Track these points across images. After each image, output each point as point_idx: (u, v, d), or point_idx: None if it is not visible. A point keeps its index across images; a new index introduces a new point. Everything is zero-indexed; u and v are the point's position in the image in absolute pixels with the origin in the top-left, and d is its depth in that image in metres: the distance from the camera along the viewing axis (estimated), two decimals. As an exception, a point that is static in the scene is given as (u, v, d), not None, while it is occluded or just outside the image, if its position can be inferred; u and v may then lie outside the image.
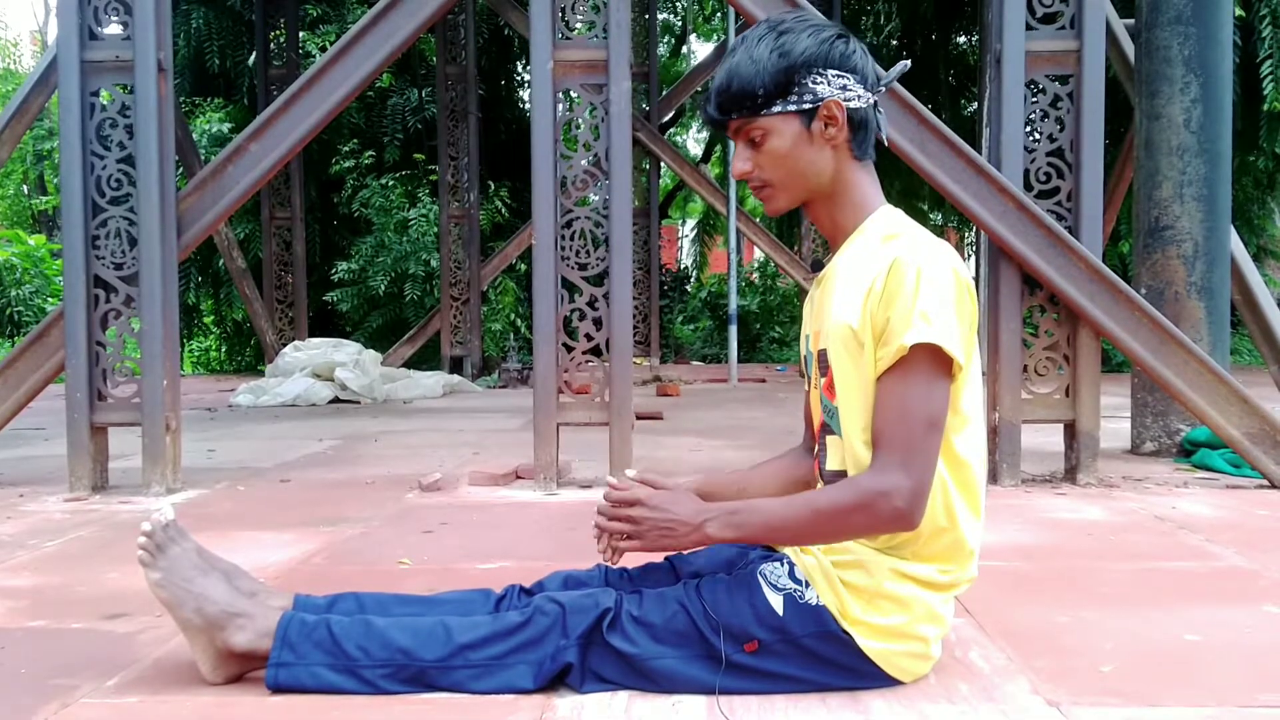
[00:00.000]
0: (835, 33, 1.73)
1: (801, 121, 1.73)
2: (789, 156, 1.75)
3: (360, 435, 6.01)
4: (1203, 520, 3.35)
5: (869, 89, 1.74)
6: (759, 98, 1.72)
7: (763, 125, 1.74)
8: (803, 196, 1.81)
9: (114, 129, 3.90)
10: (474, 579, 2.64)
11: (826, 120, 1.73)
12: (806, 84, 1.71)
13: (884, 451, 1.64)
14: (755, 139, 1.76)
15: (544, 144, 3.90)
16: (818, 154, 1.75)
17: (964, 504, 1.74)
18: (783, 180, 1.78)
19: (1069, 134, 3.94)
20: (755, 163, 1.78)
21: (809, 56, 1.69)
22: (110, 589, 2.57)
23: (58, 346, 3.94)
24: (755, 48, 1.72)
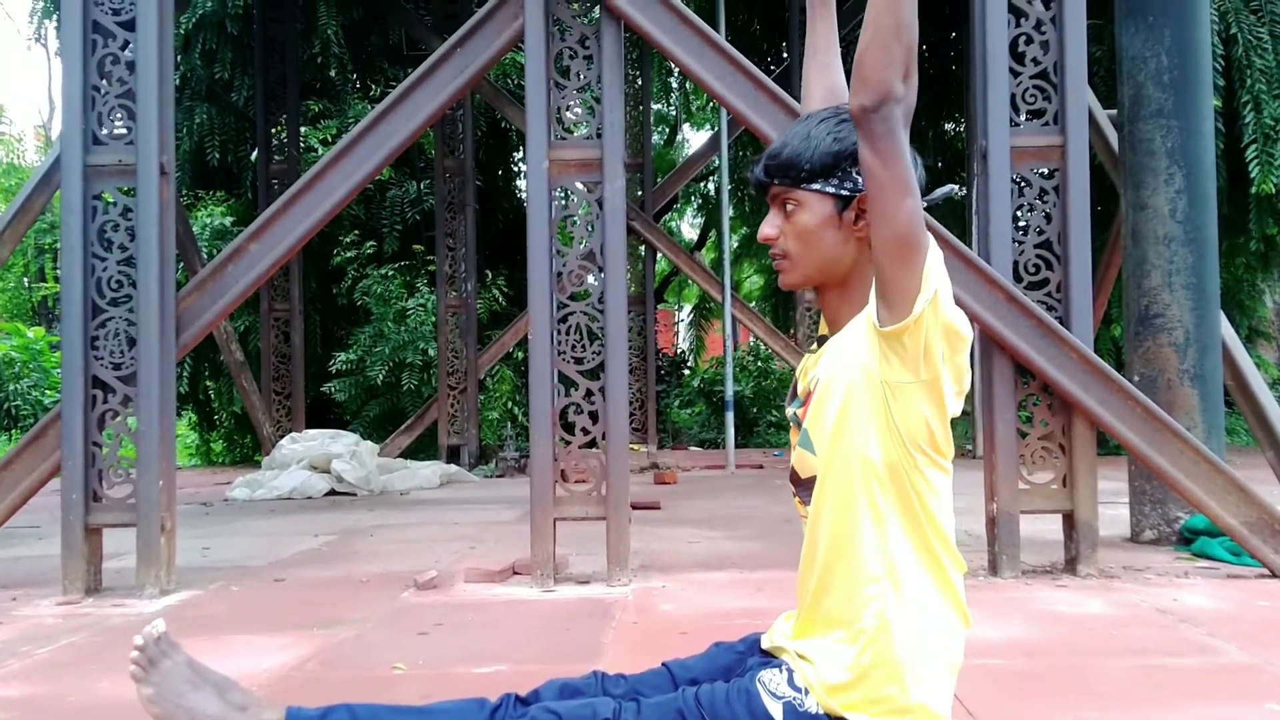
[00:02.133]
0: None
1: (836, 206, 1.76)
2: (814, 235, 1.78)
3: (356, 530, 5.97)
4: (1204, 613, 3.33)
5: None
6: (803, 171, 1.75)
7: (798, 197, 1.78)
8: (816, 277, 1.84)
9: (115, 231, 3.96)
10: (469, 684, 2.61)
11: (859, 212, 1.78)
12: (851, 173, 1.75)
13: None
14: (789, 209, 1.80)
15: (540, 240, 3.96)
16: (842, 241, 1.79)
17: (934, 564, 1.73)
18: (801, 255, 1.81)
19: (1056, 226, 4.00)
20: (781, 230, 1.82)
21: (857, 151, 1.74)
22: (102, 699, 2.54)
23: (54, 447, 3.94)
24: (816, 126, 1.77)
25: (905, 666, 1.70)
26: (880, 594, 1.72)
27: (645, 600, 3.66)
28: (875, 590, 1.71)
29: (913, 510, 1.74)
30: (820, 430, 1.79)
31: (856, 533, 1.74)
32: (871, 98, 1.54)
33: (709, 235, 19.70)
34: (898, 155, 1.54)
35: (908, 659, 1.70)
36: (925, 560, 1.75)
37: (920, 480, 1.74)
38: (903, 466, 1.72)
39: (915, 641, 1.71)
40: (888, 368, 1.68)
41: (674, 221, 22.23)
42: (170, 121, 4.02)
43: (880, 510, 1.72)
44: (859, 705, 1.70)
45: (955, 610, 1.78)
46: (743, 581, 3.99)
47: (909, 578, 1.73)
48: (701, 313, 20.33)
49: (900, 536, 1.73)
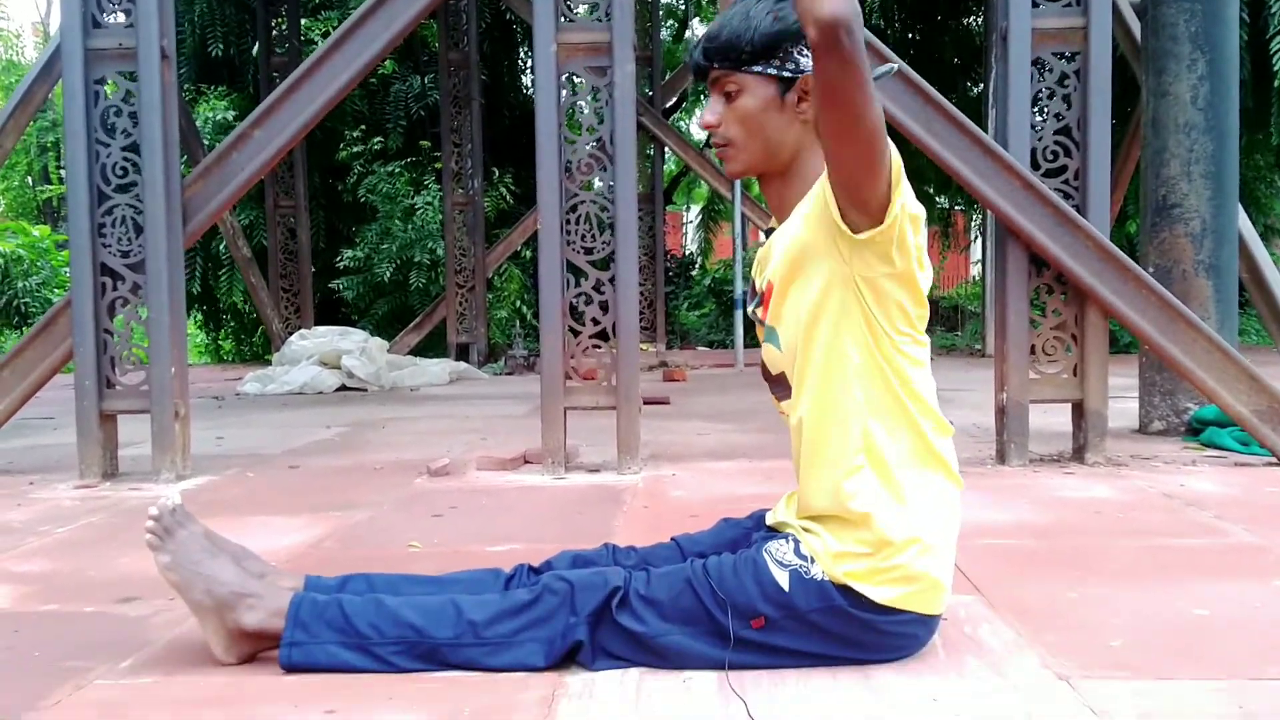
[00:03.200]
0: None
1: (778, 88, 1.75)
2: (756, 119, 1.76)
3: (368, 422, 6.02)
4: (1211, 497, 3.35)
5: None
6: (744, 53, 1.73)
7: (739, 81, 1.76)
8: (761, 164, 1.82)
9: (118, 117, 3.90)
10: (484, 561, 2.63)
11: (801, 94, 1.74)
12: (792, 53, 1.72)
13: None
14: (730, 93, 1.78)
15: (548, 128, 3.90)
16: (785, 124, 1.77)
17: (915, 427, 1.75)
18: (744, 141, 1.79)
19: (1076, 112, 3.92)
20: (723, 118, 1.80)
21: (800, 30, 1.68)
22: (122, 573, 2.58)
23: (65, 335, 3.95)
24: (755, 6, 1.73)
25: (905, 540, 1.72)
26: (866, 481, 1.73)
27: (656, 487, 3.69)
28: (861, 478, 1.73)
29: (893, 392, 1.74)
30: (788, 327, 1.79)
31: (837, 425, 1.75)
32: (842, 6, 1.43)
33: (718, 134, 19.39)
34: (862, 63, 1.48)
35: (905, 533, 1.72)
36: (910, 436, 1.76)
37: (900, 360, 1.73)
38: (881, 353, 1.72)
39: (911, 516, 1.73)
40: (861, 264, 1.67)
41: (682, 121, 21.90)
42: (170, 4, 3.92)
43: (858, 400, 1.73)
44: (863, 575, 1.73)
45: (945, 476, 1.79)
46: (752, 470, 4.02)
47: (895, 457, 1.74)
48: (710, 214, 20.16)
49: (882, 420, 1.74)
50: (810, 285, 1.73)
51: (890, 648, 1.81)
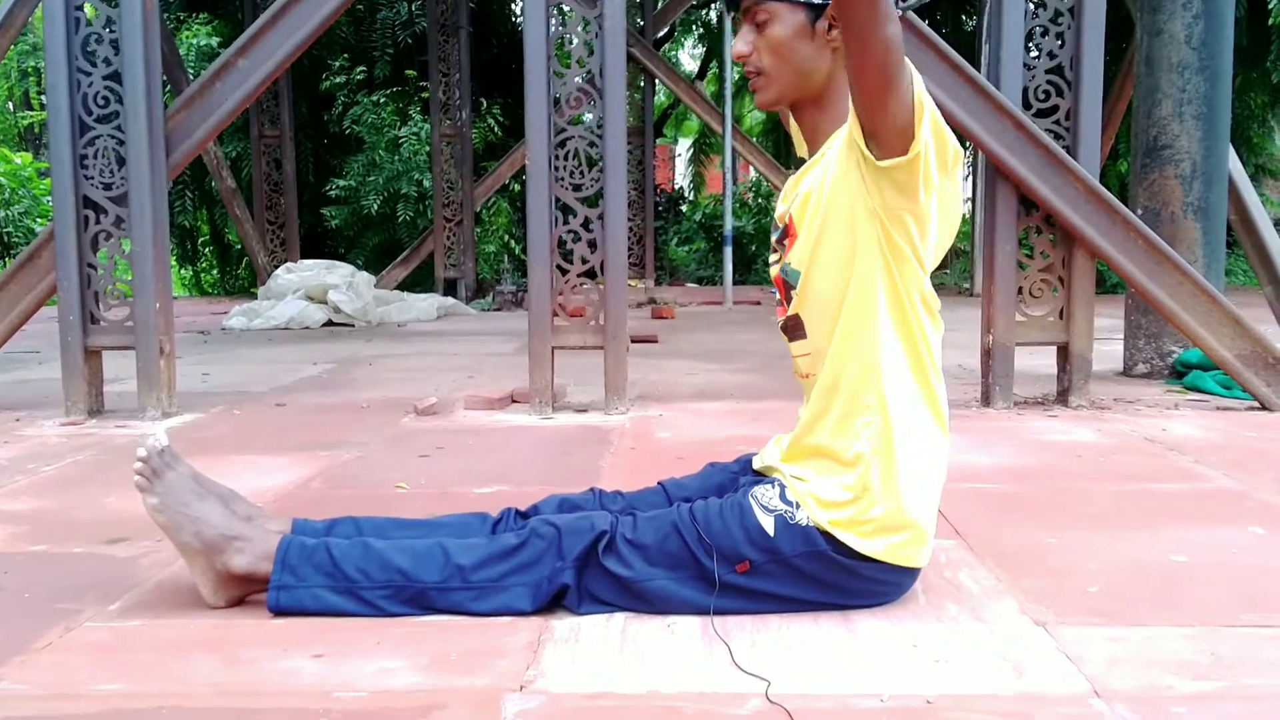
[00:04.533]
0: None
1: (808, 16, 1.74)
2: (788, 47, 1.76)
3: (355, 359, 6.01)
4: (1192, 442, 3.38)
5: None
6: None
7: (770, 9, 1.75)
8: (792, 93, 1.81)
9: (99, 45, 3.82)
10: (471, 502, 2.67)
11: (832, 20, 1.73)
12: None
13: None
14: (760, 21, 1.77)
15: (537, 61, 3.84)
16: (816, 53, 1.76)
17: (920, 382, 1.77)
18: (776, 69, 1.79)
19: (1069, 51, 3.88)
20: (755, 46, 1.79)
21: None
22: (110, 513, 2.59)
23: (49, 269, 3.92)
24: None
25: (895, 489, 1.74)
26: (872, 422, 1.74)
27: (643, 427, 3.71)
28: (868, 418, 1.74)
29: (912, 338, 1.75)
30: (809, 265, 1.78)
31: (857, 362, 1.76)
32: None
33: (709, 66, 19.16)
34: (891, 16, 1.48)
35: (897, 482, 1.74)
36: (918, 384, 1.77)
37: (920, 307, 1.74)
38: (904, 294, 1.72)
39: (904, 465, 1.74)
40: (880, 197, 1.66)
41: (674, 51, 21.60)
42: (150, -72, 3.83)
43: (881, 340, 1.73)
44: (847, 524, 1.75)
45: (940, 429, 1.81)
46: (740, 411, 4.04)
47: (901, 406, 1.75)
48: (701, 148, 20.00)
49: (898, 365, 1.75)
50: (834, 223, 1.72)
51: (873, 593, 1.83)
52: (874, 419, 1.74)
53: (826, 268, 1.75)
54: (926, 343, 1.77)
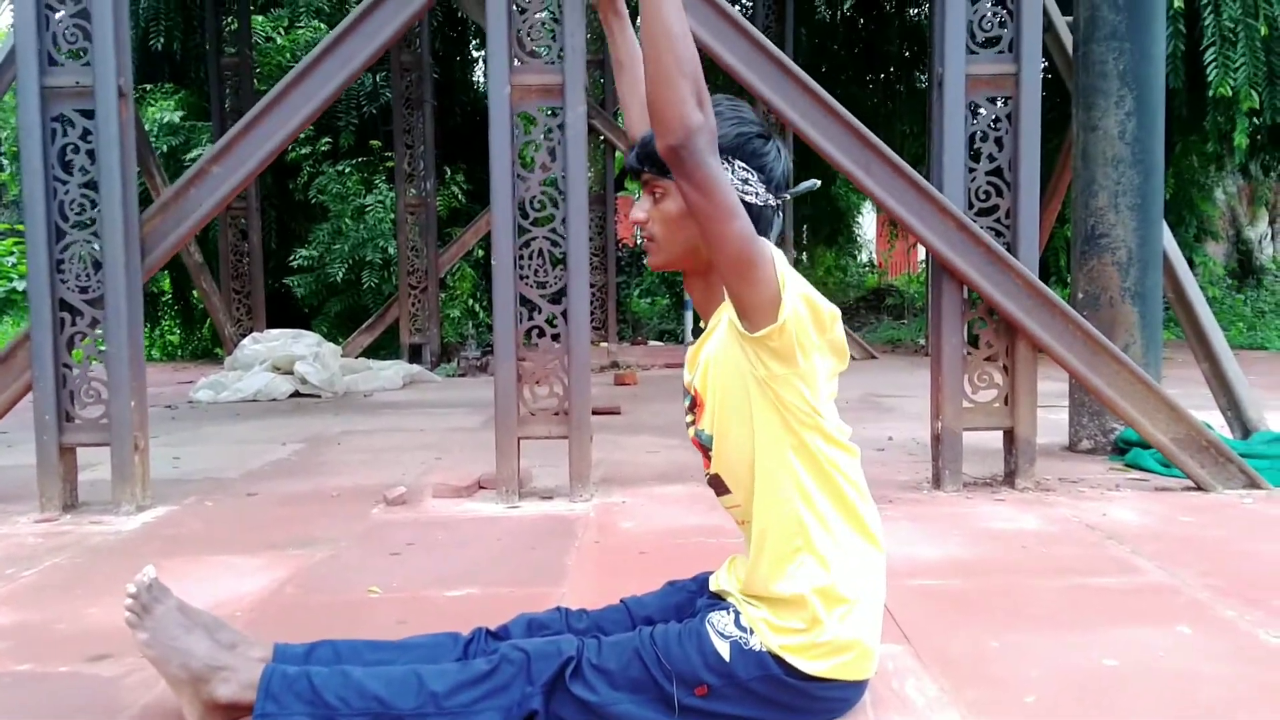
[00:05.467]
0: (757, 131, 1.91)
1: None
2: (677, 222, 1.92)
3: (323, 437, 6.09)
4: (1130, 528, 3.56)
5: (772, 190, 1.93)
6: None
7: (665, 185, 1.92)
8: (680, 262, 2.00)
9: (76, 154, 3.94)
10: (441, 608, 2.77)
11: None
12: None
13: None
14: (656, 194, 1.94)
15: (502, 165, 4.00)
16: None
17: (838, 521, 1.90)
18: (666, 240, 1.96)
19: (1008, 153, 4.10)
20: (650, 215, 1.96)
21: (723, 143, 1.84)
22: (91, 626, 2.67)
23: (24, 368, 4.00)
24: None
25: (839, 616, 1.87)
26: (802, 564, 1.89)
27: (606, 517, 3.83)
28: (800, 560, 1.89)
29: (822, 473, 1.90)
30: (715, 432, 1.95)
31: (774, 516, 1.91)
32: (673, 137, 1.64)
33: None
34: (713, 183, 1.66)
35: (841, 610, 1.88)
36: (840, 513, 1.92)
37: (822, 443, 1.89)
38: (804, 441, 1.88)
39: (845, 593, 1.88)
40: (764, 367, 1.83)
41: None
42: (127, 42, 3.96)
43: (790, 491, 1.89)
44: (798, 649, 1.88)
45: (873, 546, 1.95)
46: (699, 496, 4.17)
47: (830, 543, 1.90)
48: (661, 203, 20.27)
49: (814, 503, 1.90)
50: (731, 390, 1.89)
51: (824, 710, 1.96)
52: (805, 559, 1.88)
53: (733, 431, 1.92)
54: (844, 475, 1.91)
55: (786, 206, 1.93)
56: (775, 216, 1.96)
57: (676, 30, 1.65)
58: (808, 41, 14.08)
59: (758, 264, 1.71)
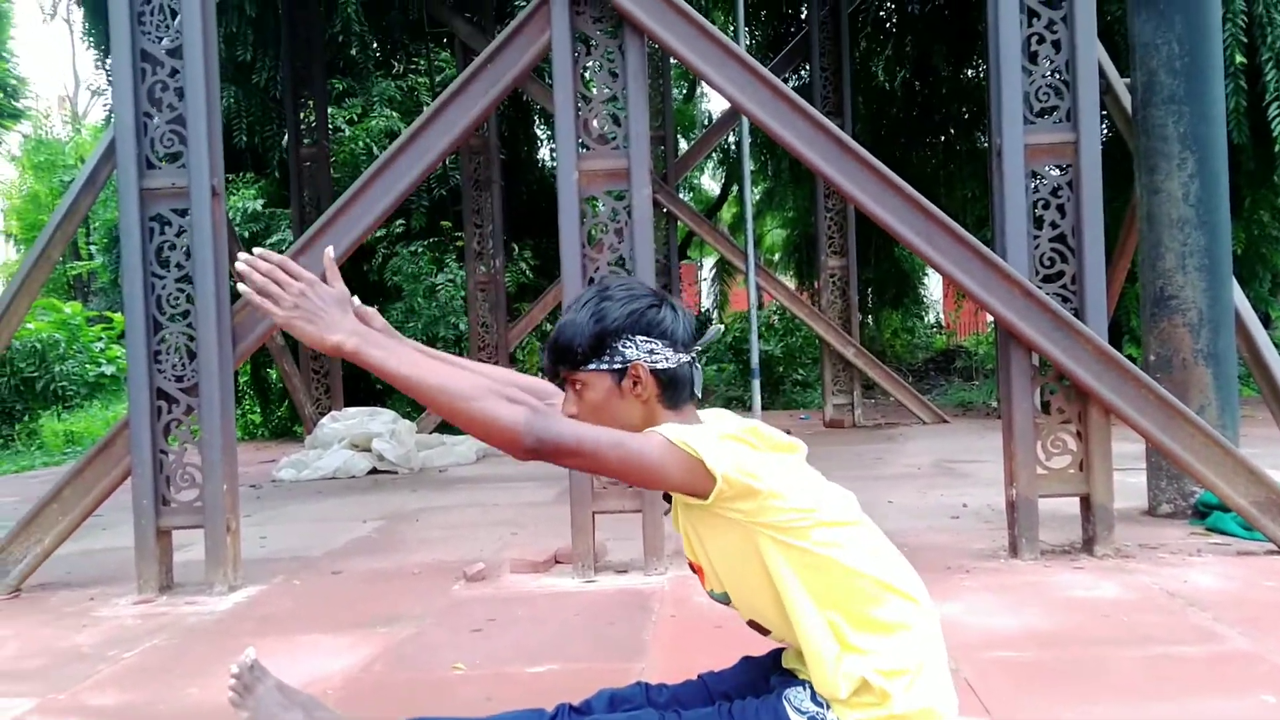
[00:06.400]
0: (649, 302, 1.99)
1: (613, 379, 1.97)
2: (602, 407, 1.99)
3: (402, 513, 6.23)
4: (1211, 595, 3.51)
5: (680, 350, 1.99)
6: (577, 355, 1.97)
7: (581, 378, 1.99)
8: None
9: (172, 250, 4.17)
10: (525, 683, 2.85)
11: (634, 379, 1.98)
12: (617, 347, 1.96)
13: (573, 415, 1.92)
14: (578, 389, 2.02)
15: (571, 247, 4.14)
16: (629, 406, 1.99)
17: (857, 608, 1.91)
18: (598, 423, 1.99)
19: (1070, 220, 4.14)
20: (578, 407, 2.03)
21: (619, 324, 1.95)
22: (191, 705, 2.79)
23: (123, 455, 4.20)
24: (580, 311, 1.98)
25: (901, 684, 1.90)
26: (849, 663, 1.92)
27: (681, 591, 3.88)
28: (846, 664, 1.92)
29: (833, 576, 1.92)
30: (732, 586, 2.00)
31: (808, 636, 1.94)
32: (518, 448, 1.78)
33: (730, 190, 19.74)
34: (575, 442, 1.80)
35: (901, 679, 1.90)
36: (867, 600, 1.94)
37: (823, 549, 1.92)
38: (805, 558, 1.92)
39: (900, 664, 1.91)
40: (737, 513, 1.88)
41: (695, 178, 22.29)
42: (219, 144, 4.21)
43: (811, 607, 1.92)
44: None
45: (911, 605, 1.96)
46: (773, 567, 4.19)
47: (862, 630, 1.92)
48: (724, 268, 20.46)
49: (839, 606, 1.92)
50: (720, 548, 1.96)
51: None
52: (851, 660, 1.92)
53: (742, 581, 1.98)
54: (855, 567, 1.93)
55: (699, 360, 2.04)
56: (691, 370, 2.03)
57: (434, 391, 1.77)
58: (865, 108, 14.21)
59: (662, 463, 1.82)
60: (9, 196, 26.40)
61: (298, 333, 1.78)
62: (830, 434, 10.58)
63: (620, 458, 1.81)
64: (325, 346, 1.77)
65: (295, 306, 1.77)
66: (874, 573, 1.95)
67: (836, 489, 2.02)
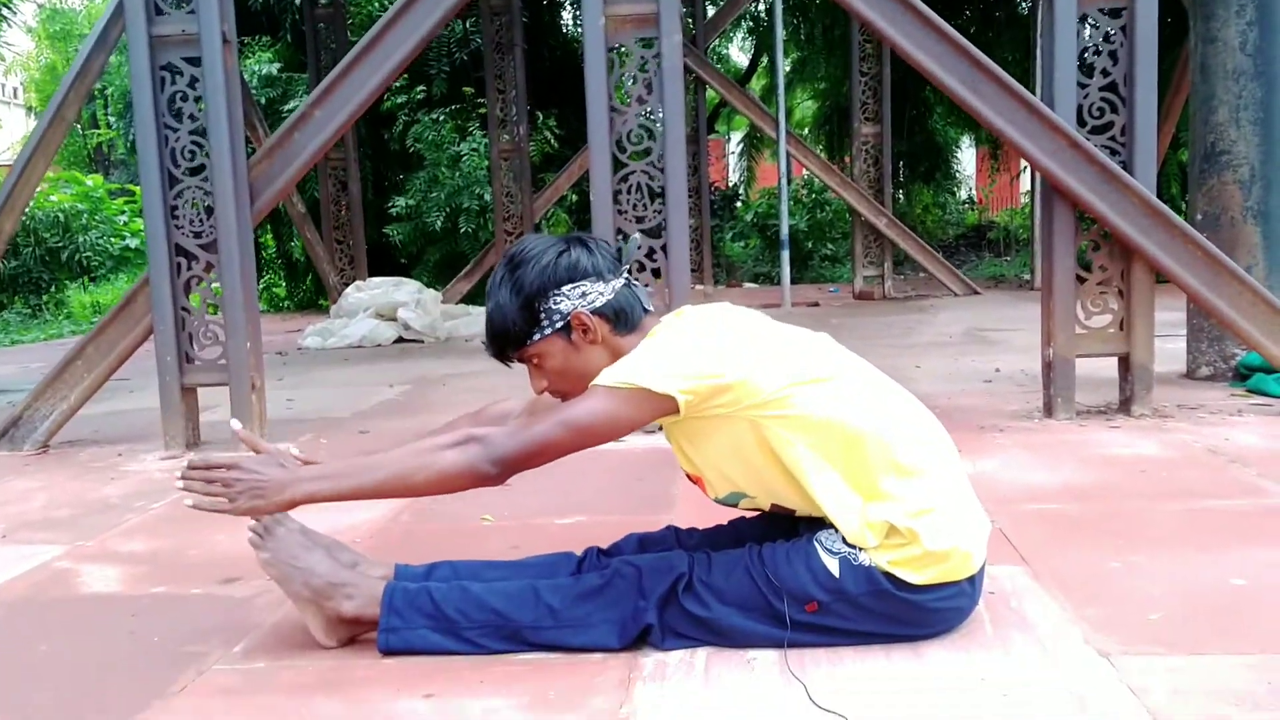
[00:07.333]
0: (558, 250, 1.94)
1: (562, 338, 1.94)
2: (568, 367, 1.96)
3: (428, 378, 6.21)
4: (1255, 452, 3.43)
5: (609, 278, 1.94)
6: (516, 334, 1.94)
7: (532, 352, 1.96)
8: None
9: (185, 101, 4.05)
10: (553, 535, 2.82)
11: (582, 329, 1.92)
12: (549, 307, 1.92)
13: (516, 422, 1.94)
14: (535, 362, 1.98)
15: (598, 100, 3.98)
16: (590, 354, 1.95)
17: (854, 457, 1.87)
18: (573, 384, 1.97)
19: (1123, 68, 3.93)
20: (548, 382, 2.00)
21: (540, 285, 1.91)
22: (221, 552, 2.78)
23: (145, 313, 4.15)
24: (499, 292, 1.94)
25: (926, 523, 1.86)
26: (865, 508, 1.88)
27: (710, 448, 3.83)
28: (866, 510, 1.88)
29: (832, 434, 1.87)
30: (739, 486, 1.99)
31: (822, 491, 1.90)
32: (488, 482, 1.84)
33: (760, 60, 19.19)
34: (535, 448, 1.82)
35: (925, 517, 1.86)
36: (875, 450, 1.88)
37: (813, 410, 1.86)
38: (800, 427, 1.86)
39: (921, 504, 1.87)
40: (717, 409, 1.85)
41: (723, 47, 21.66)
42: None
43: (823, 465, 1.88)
44: (902, 563, 1.88)
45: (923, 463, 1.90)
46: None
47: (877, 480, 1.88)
48: (752, 143, 20.05)
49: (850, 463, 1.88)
50: (717, 447, 1.93)
51: (938, 622, 1.95)
52: (874, 508, 1.88)
53: (751, 471, 1.94)
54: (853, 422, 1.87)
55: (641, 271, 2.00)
56: (628, 290, 1.98)
57: (389, 483, 1.87)
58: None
59: (614, 412, 1.81)
60: (27, 68, 26.10)
61: (256, 512, 1.88)
62: (860, 306, 10.46)
63: (576, 432, 1.82)
64: (282, 508, 1.88)
65: (239, 494, 1.85)
66: (876, 421, 1.89)
67: (819, 343, 1.98)
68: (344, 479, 1.87)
